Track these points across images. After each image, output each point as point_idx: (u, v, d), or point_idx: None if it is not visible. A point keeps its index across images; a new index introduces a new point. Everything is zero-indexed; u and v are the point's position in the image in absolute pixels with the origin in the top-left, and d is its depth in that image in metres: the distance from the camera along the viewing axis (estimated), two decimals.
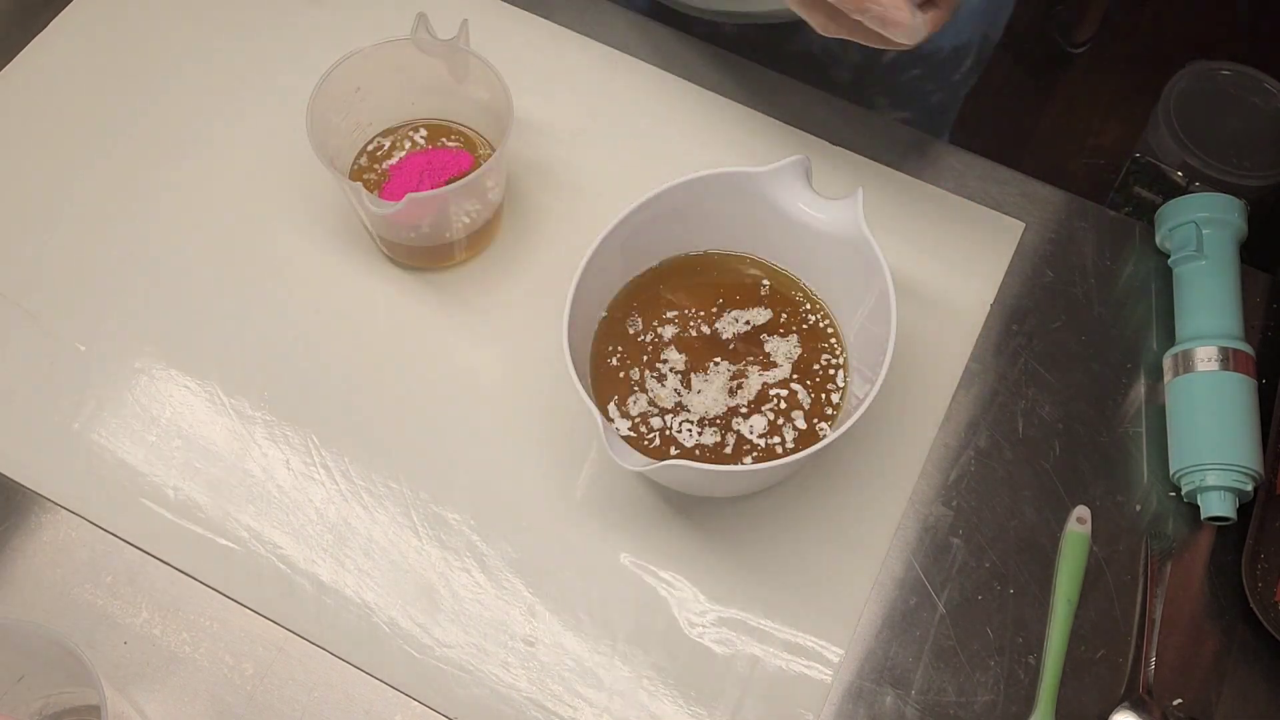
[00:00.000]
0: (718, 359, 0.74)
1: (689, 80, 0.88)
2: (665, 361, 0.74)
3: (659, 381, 0.73)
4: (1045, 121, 2.02)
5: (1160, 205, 0.82)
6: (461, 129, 0.83)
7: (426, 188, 0.77)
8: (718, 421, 0.72)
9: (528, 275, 0.81)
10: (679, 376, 0.73)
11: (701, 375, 0.73)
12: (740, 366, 0.74)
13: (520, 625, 0.70)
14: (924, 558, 0.73)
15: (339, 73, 0.76)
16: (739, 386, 0.73)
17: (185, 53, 0.89)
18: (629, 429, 0.72)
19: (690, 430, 0.71)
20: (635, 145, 0.86)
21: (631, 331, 0.75)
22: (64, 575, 0.70)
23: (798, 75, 0.88)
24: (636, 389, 0.73)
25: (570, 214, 0.83)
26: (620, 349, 0.74)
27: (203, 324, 0.79)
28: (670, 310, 0.76)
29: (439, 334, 0.79)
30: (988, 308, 0.81)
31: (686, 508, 0.73)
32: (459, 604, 0.70)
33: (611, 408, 0.72)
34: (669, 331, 0.75)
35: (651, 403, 0.72)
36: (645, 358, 0.74)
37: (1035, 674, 0.69)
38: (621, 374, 0.73)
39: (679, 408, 0.72)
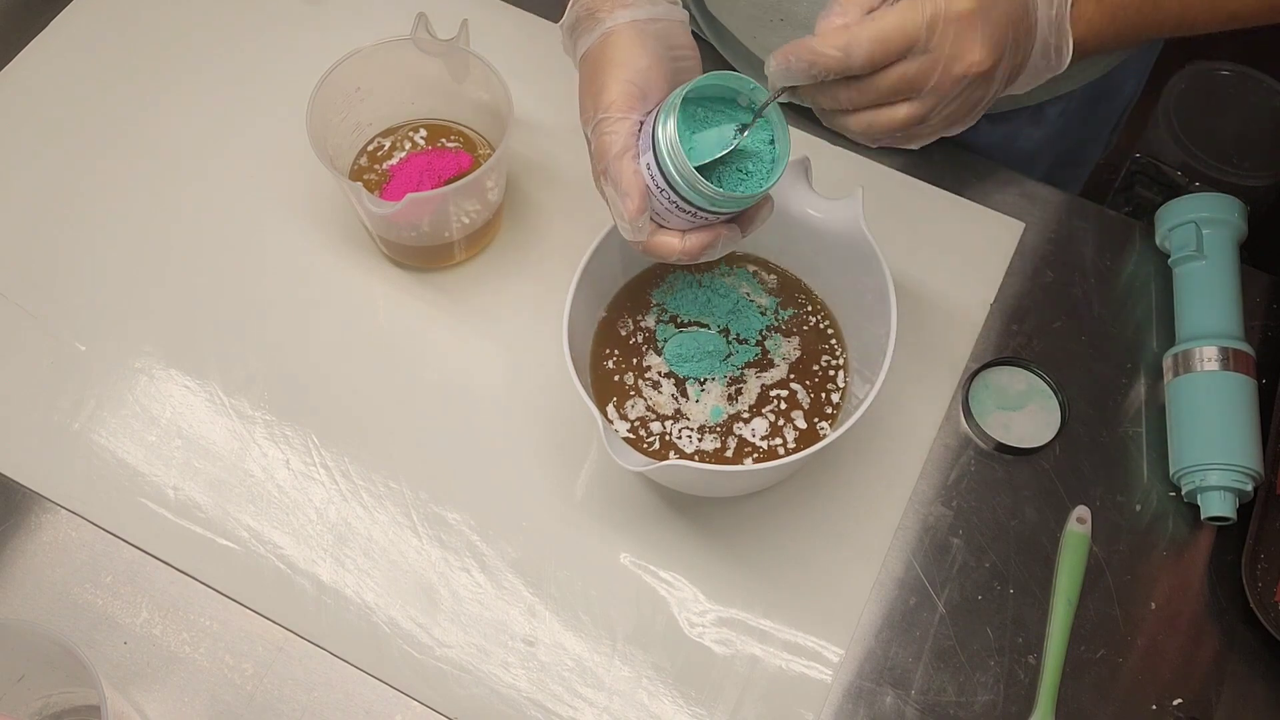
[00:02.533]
0: None
1: None
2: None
3: (654, 388, 0.72)
4: None
5: (1160, 205, 0.82)
6: (461, 129, 0.83)
7: (426, 188, 0.77)
8: (718, 429, 0.71)
9: (528, 275, 0.81)
10: (673, 381, 0.72)
11: (697, 384, 0.72)
12: (738, 370, 0.73)
13: (520, 625, 0.70)
14: (924, 558, 0.73)
15: (339, 73, 0.76)
16: (738, 393, 0.72)
17: (185, 53, 0.89)
18: (628, 431, 0.71)
19: (690, 436, 0.71)
20: None
21: (623, 334, 0.74)
22: (64, 575, 0.70)
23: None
24: (634, 393, 0.72)
25: (570, 214, 0.83)
26: (619, 351, 0.74)
27: (203, 324, 0.79)
28: None
29: (439, 334, 0.79)
30: (988, 308, 0.80)
31: (686, 508, 0.73)
32: (459, 604, 0.70)
33: (611, 409, 0.72)
34: None
35: (650, 409, 0.72)
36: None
37: (1035, 674, 0.69)
38: (617, 377, 0.73)
39: (678, 414, 0.72)
